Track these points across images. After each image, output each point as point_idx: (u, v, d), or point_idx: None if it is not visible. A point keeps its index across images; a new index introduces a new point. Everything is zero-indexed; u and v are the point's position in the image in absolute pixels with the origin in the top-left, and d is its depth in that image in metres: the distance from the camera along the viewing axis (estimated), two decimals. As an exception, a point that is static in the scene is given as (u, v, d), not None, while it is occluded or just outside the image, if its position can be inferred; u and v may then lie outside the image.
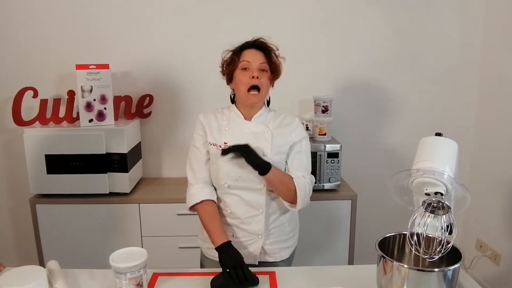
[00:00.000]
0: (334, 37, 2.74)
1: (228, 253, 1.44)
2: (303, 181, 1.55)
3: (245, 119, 1.61)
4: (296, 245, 1.75)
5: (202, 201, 1.56)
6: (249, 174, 1.52)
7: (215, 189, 1.63)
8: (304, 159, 1.62)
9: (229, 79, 1.61)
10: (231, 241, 1.48)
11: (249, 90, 1.53)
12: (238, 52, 1.57)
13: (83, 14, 2.63)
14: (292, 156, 1.61)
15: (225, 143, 1.57)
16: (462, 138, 2.74)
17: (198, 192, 1.58)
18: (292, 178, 1.54)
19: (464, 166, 2.84)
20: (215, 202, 1.60)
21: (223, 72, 1.63)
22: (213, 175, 1.61)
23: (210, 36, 2.66)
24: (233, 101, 1.66)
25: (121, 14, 2.65)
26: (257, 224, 1.59)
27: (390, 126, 2.88)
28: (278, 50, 1.60)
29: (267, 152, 1.55)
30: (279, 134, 1.59)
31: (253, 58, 1.54)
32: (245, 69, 1.54)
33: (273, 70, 1.57)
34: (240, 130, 1.59)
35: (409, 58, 2.79)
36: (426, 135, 1.43)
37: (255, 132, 1.59)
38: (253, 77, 1.51)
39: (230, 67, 1.58)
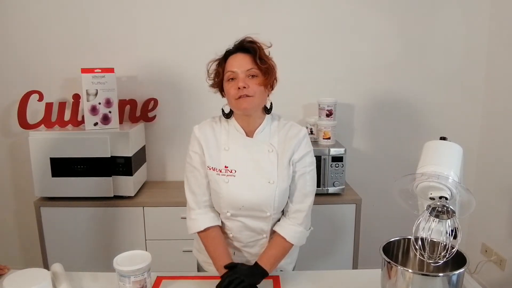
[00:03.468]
0: (339, 41, 2.74)
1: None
2: (296, 232, 1.45)
3: (246, 134, 1.46)
4: (297, 258, 1.71)
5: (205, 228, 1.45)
6: (254, 203, 1.43)
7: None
8: (308, 181, 1.47)
9: (222, 91, 1.47)
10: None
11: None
12: (222, 62, 1.44)
13: (88, 18, 2.65)
14: (293, 179, 1.46)
15: (226, 167, 1.43)
16: (468, 143, 2.73)
17: (200, 218, 1.46)
18: (286, 240, 1.44)
19: (469, 170, 2.83)
20: (220, 226, 1.48)
21: (212, 86, 1.48)
22: (214, 203, 1.49)
23: (215, 40, 2.63)
24: (228, 115, 1.50)
25: (126, 18, 2.66)
26: (260, 248, 1.52)
27: (394, 130, 2.88)
28: (270, 46, 1.44)
29: (273, 179, 1.42)
30: (284, 151, 1.45)
31: (239, 65, 1.38)
32: (232, 79, 1.39)
33: (265, 72, 1.39)
34: (241, 150, 1.45)
35: (414, 63, 2.78)
36: (431, 139, 1.43)
37: (259, 152, 1.45)
38: (239, 88, 1.36)
39: (217, 80, 1.45)
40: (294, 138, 1.46)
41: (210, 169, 1.45)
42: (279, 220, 1.51)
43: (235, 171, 1.43)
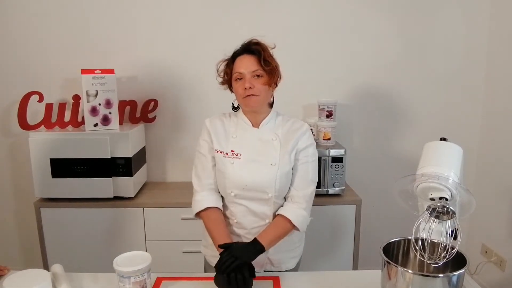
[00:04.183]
0: (339, 42, 2.74)
1: None
2: (299, 215, 1.51)
3: (252, 125, 1.58)
4: (302, 254, 1.73)
5: (207, 208, 1.54)
6: (257, 183, 1.51)
7: (222, 197, 1.61)
8: (310, 170, 1.57)
9: (231, 87, 1.59)
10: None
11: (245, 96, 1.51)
12: (230, 62, 1.55)
13: (88, 19, 2.65)
14: (296, 167, 1.56)
15: (232, 151, 1.55)
16: (468, 143, 2.73)
17: (203, 199, 1.56)
18: (288, 219, 1.49)
19: (469, 170, 2.82)
20: (221, 209, 1.57)
21: (222, 83, 1.60)
22: (219, 184, 1.59)
23: (215, 41, 2.66)
24: (236, 109, 1.63)
25: (126, 19, 2.66)
26: None
27: (395, 130, 2.88)
28: (274, 47, 1.54)
29: (275, 161, 1.52)
30: (288, 141, 1.55)
31: (245, 66, 1.49)
32: (240, 79, 1.51)
33: (269, 72, 1.51)
34: (248, 138, 1.57)
35: (415, 63, 2.78)
36: (431, 139, 1.43)
37: (263, 139, 1.56)
38: (245, 88, 1.48)
39: (226, 79, 1.58)
40: (298, 130, 1.58)
41: (217, 152, 1.57)
42: (280, 205, 1.57)
43: (241, 154, 1.55)
